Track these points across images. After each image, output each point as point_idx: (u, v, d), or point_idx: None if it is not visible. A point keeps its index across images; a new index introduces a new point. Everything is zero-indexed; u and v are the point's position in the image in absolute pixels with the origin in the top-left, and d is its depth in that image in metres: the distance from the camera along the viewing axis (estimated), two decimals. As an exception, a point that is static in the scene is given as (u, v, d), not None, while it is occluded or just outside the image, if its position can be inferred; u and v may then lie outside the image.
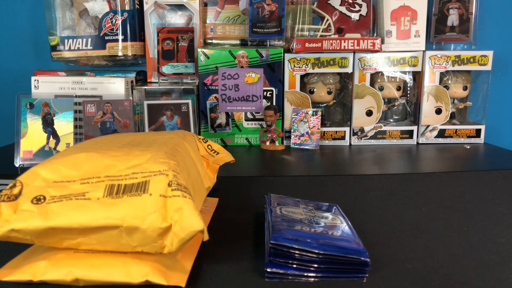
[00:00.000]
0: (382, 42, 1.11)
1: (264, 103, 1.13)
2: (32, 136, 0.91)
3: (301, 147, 1.13)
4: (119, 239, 0.43)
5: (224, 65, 1.11)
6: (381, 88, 1.17)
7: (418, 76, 1.18)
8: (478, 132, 1.18)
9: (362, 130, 1.16)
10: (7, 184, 0.46)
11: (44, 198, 0.44)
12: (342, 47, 1.09)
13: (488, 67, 1.15)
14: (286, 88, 1.13)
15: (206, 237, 0.41)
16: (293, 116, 1.13)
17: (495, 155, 1.04)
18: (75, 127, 0.94)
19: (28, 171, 0.47)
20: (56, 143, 0.92)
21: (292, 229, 0.48)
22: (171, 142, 0.57)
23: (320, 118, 1.11)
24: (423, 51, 1.14)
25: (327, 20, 1.17)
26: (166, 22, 1.15)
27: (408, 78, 1.18)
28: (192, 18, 1.15)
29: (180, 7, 1.15)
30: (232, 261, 0.49)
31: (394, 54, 1.13)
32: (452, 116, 1.21)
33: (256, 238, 0.55)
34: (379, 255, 0.50)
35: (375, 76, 1.18)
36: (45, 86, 1.00)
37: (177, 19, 1.16)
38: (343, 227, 0.52)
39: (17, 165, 0.90)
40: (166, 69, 1.13)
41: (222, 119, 1.14)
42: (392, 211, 0.65)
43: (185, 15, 1.16)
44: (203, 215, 0.61)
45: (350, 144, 1.17)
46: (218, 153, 0.72)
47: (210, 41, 1.19)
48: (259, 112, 1.13)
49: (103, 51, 1.14)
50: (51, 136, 0.92)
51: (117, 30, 1.12)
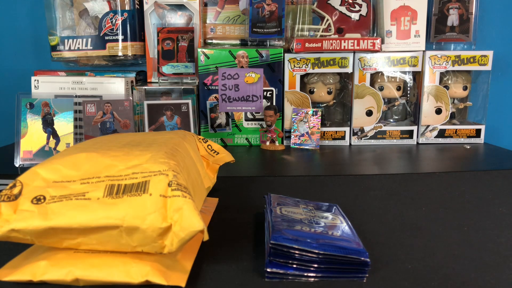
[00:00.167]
0: (382, 42, 1.11)
1: (264, 103, 1.13)
2: (32, 136, 0.91)
3: (301, 147, 1.13)
4: (119, 239, 0.43)
5: (224, 65, 1.11)
6: (381, 88, 1.17)
7: (418, 76, 1.18)
8: (478, 132, 1.18)
9: (362, 130, 1.16)
10: (7, 184, 0.46)
11: (44, 198, 0.44)
12: (342, 47, 1.09)
13: (488, 67, 1.15)
14: (286, 88, 1.13)
15: (206, 237, 0.41)
16: (293, 116, 1.13)
17: (495, 155, 1.04)
18: (75, 127, 0.94)
19: (28, 171, 0.47)
20: (56, 143, 0.92)
21: (292, 229, 0.48)
22: (171, 142, 0.57)
23: (320, 118, 1.11)
24: (423, 51, 1.14)
25: (327, 20, 1.17)
26: (166, 22, 1.15)
27: (408, 78, 1.18)
28: (192, 18, 1.15)
29: (180, 7, 1.15)
30: (232, 261, 0.49)
31: (394, 54, 1.13)
32: (452, 116, 1.21)
33: (256, 238, 0.55)
34: (379, 255, 0.50)
35: (375, 76, 1.18)
36: (45, 86, 1.00)
37: (177, 19, 1.16)
38: (343, 227, 0.52)
39: (17, 165, 0.90)
40: (166, 69, 1.13)
41: (222, 119, 1.14)
42: (392, 211, 0.65)
43: (185, 15, 1.16)
44: (203, 215, 0.61)
45: (350, 144, 1.17)
46: (218, 153, 0.72)
47: (210, 41, 1.19)
48: (259, 112, 1.13)
49: (103, 51, 1.14)
50: (51, 136, 0.92)
51: (117, 30, 1.12)
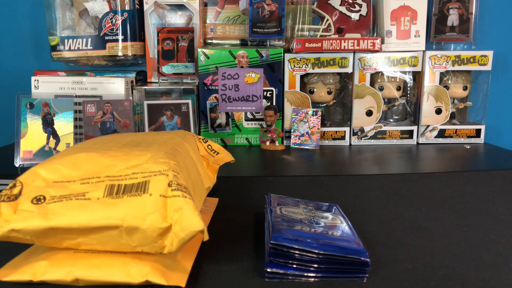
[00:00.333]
0: (382, 42, 1.11)
1: (264, 103, 1.13)
2: (32, 136, 0.91)
3: (301, 147, 1.13)
4: (119, 239, 0.43)
5: (224, 65, 1.11)
6: (381, 88, 1.17)
7: (418, 76, 1.18)
8: (478, 132, 1.18)
9: (362, 130, 1.16)
10: (7, 184, 0.46)
11: (44, 198, 0.44)
12: (342, 47, 1.09)
13: (488, 67, 1.15)
14: (286, 88, 1.13)
15: (206, 237, 0.41)
16: (293, 116, 1.13)
17: (495, 155, 1.04)
18: (75, 127, 0.94)
19: (28, 171, 0.47)
20: (56, 143, 0.92)
21: (292, 229, 0.48)
22: (171, 142, 0.57)
23: (320, 118, 1.11)
24: (423, 51, 1.14)
25: (327, 20, 1.17)
26: (166, 22, 1.15)
27: (408, 78, 1.18)
28: (192, 18, 1.15)
29: (180, 7, 1.15)
30: (232, 261, 0.49)
31: (394, 54, 1.13)
32: (452, 116, 1.21)
33: (256, 238, 0.55)
34: (379, 255, 0.50)
35: (375, 76, 1.18)
36: (45, 86, 1.00)
37: (177, 19, 1.16)
38: (343, 227, 0.52)
39: (17, 165, 0.90)
40: (166, 69, 1.13)
41: (222, 119, 1.14)
42: (392, 211, 0.65)
43: (185, 15, 1.16)
44: (203, 215, 0.60)
45: (350, 144, 1.17)
46: (218, 153, 0.72)
47: (210, 41, 1.19)
48: (259, 112, 1.13)
49: (103, 51, 1.14)
50: (51, 136, 0.92)
51: (117, 30, 1.12)
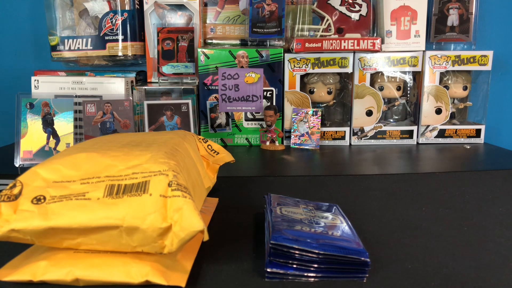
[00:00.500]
0: (382, 42, 1.11)
1: (264, 103, 1.13)
2: (32, 136, 0.91)
3: (301, 147, 1.13)
4: (119, 239, 0.43)
5: (224, 65, 1.11)
6: (381, 88, 1.17)
7: (418, 76, 1.18)
8: (478, 132, 1.18)
9: (362, 130, 1.16)
10: (7, 184, 0.46)
11: (44, 198, 0.44)
12: (342, 47, 1.09)
13: (488, 67, 1.15)
14: (286, 88, 1.13)
15: (206, 237, 0.41)
16: (293, 116, 1.13)
17: (495, 155, 1.04)
18: (75, 127, 0.94)
19: (28, 171, 0.47)
20: (56, 143, 0.91)
21: (292, 229, 0.48)
22: (171, 142, 0.57)
23: (320, 118, 1.11)
24: (423, 51, 1.14)
25: (327, 20, 1.17)
26: (166, 22, 1.15)
27: (408, 78, 1.18)
28: (192, 18, 1.15)
29: (180, 7, 1.15)
30: (232, 261, 0.49)
31: (394, 54, 1.13)
32: (452, 116, 1.21)
33: (256, 238, 0.55)
34: (379, 255, 0.50)
35: (375, 76, 1.18)
36: (45, 86, 1.00)
37: (177, 19, 1.16)
38: (343, 227, 0.52)
39: (17, 165, 0.90)
40: (166, 69, 1.13)
41: (222, 119, 1.14)
42: (392, 211, 0.65)
43: (185, 15, 1.16)
44: (203, 215, 0.61)
45: (350, 144, 1.17)
46: (218, 153, 0.72)
47: (210, 41, 1.19)
48: (259, 112, 1.13)
49: (103, 51, 1.14)
50: (51, 136, 0.92)
51: (117, 30, 1.12)
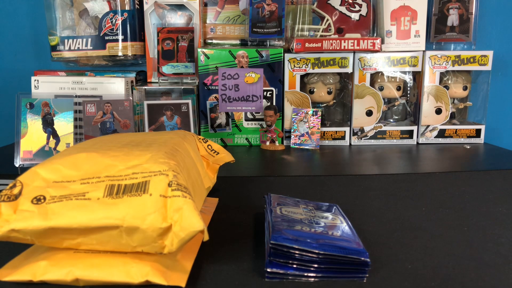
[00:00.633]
0: (382, 42, 1.11)
1: (264, 103, 1.13)
2: (32, 136, 0.91)
3: (301, 147, 1.13)
4: (119, 239, 0.43)
5: (224, 65, 1.11)
6: (381, 88, 1.17)
7: (418, 76, 1.18)
8: (478, 132, 1.18)
9: (362, 130, 1.16)
10: (7, 184, 0.46)
11: (44, 198, 0.44)
12: (342, 47, 1.09)
13: (488, 67, 1.15)
14: (286, 88, 1.13)
15: (206, 237, 0.41)
16: (293, 116, 1.13)
17: (495, 155, 1.04)
18: (75, 127, 0.94)
19: (28, 171, 0.47)
20: (56, 143, 0.91)
21: (292, 229, 0.48)
22: (171, 142, 0.57)
23: (320, 118, 1.11)
24: (423, 51, 1.14)
25: (327, 20, 1.17)
26: (166, 22, 1.15)
27: (408, 78, 1.18)
28: (192, 18, 1.15)
29: (180, 7, 1.15)
30: (232, 261, 0.49)
31: (394, 54, 1.13)
32: (452, 116, 1.21)
33: (256, 238, 0.55)
34: (379, 255, 0.50)
35: (375, 76, 1.18)
36: (45, 86, 1.00)
37: (177, 19, 1.16)
38: (343, 227, 0.52)
39: (17, 165, 0.90)
40: (166, 69, 1.13)
41: (222, 119, 1.14)
42: (392, 211, 0.65)
43: (185, 15, 1.16)
44: (203, 215, 0.60)
45: (350, 144, 1.17)
46: (218, 153, 0.72)
47: (210, 41, 1.19)
48: (259, 112, 1.13)
49: (103, 51, 1.14)
50: (51, 136, 0.92)
51: (117, 30, 1.12)
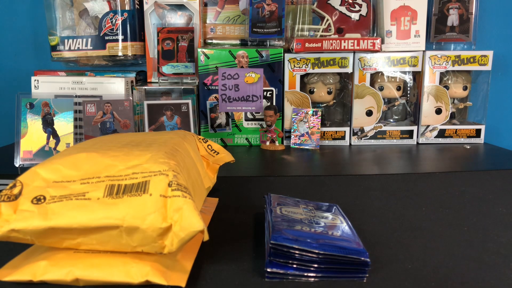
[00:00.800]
0: (382, 42, 1.11)
1: (264, 103, 1.13)
2: (32, 136, 0.91)
3: (301, 147, 1.13)
4: (119, 239, 0.43)
5: (224, 65, 1.11)
6: (381, 88, 1.17)
7: (418, 76, 1.18)
8: (478, 132, 1.18)
9: (362, 130, 1.16)
10: (7, 184, 0.46)
11: (44, 198, 0.44)
12: (342, 47, 1.09)
13: (488, 67, 1.15)
14: (286, 88, 1.13)
15: (206, 237, 0.41)
16: (293, 116, 1.13)
17: (495, 155, 1.04)
18: (75, 127, 0.94)
19: (28, 171, 0.47)
20: (56, 143, 0.91)
21: (292, 229, 0.48)
22: (171, 142, 0.57)
23: (320, 118, 1.11)
24: (423, 51, 1.14)
25: (327, 20, 1.17)
26: (166, 22, 1.15)
27: (408, 78, 1.18)
28: (192, 18, 1.15)
29: (180, 7, 1.15)
30: (232, 261, 0.49)
31: (394, 54, 1.13)
32: (452, 116, 1.21)
33: (256, 238, 0.55)
34: (379, 255, 0.50)
35: (375, 76, 1.18)
36: (45, 86, 1.00)
37: (177, 19, 1.16)
38: (343, 227, 0.52)
39: (17, 165, 0.90)
40: (166, 69, 1.13)
41: (222, 119, 1.14)
42: (392, 211, 0.65)
43: (185, 15, 1.16)
44: (203, 215, 0.61)
45: (350, 144, 1.17)
46: (218, 153, 0.72)
47: (210, 41, 1.19)
48: (259, 112, 1.13)
49: (103, 51, 1.14)
50: (51, 136, 0.92)
51: (117, 30, 1.12)
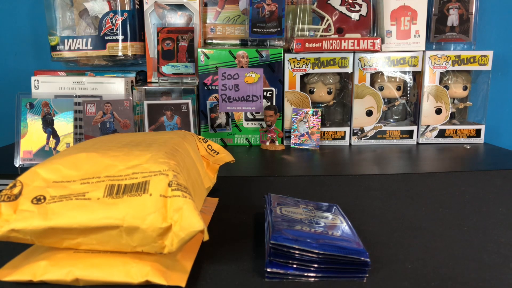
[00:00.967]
0: (382, 42, 1.11)
1: (264, 103, 1.13)
2: (32, 136, 0.91)
3: (301, 147, 1.13)
4: (119, 239, 0.43)
5: (224, 65, 1.11)
6: (381, 88, 1.17)
7: (418, 76, 1.18)
8: (478, 132, 1.18)
9: (362, 130, 1.16)
10: (7, 184, 0.46)
11: (44, 198, 0.44)
12: (342, 47, 1.09)
13: (488, 67, 1.15)
14: (286, 88, 1.13)
15: (206, 237, 0.41)
16: (293, 116, 1.13)
17: (495, 155, 1.04)
18: (75, 127, 0.94)
19: (28, 171, 0.47)
20: (56, 143, 0.91)
21: (292, 229, 0.48)
22: (171, 142, 0.57)
23: (320, 118, 1.11)
24: (423, 51, 1.14)
25: (327, 20, 1.17)
26: (166, 22, 1.15)
27: (408, 78, 1.18)
28: (192, 18, 1.15)
29: (180, 7, 1.15)
30: (232, 261, 0.49)
31: (394, 54, 1.13)
32: (452, 116, 1.21)
33: (256, 238, 0.55)
34: (379, 255, 0.50)
35: (375, 76, 1.18)
36: (45, 86, 1.00)
37: (177, 19, 1.16)
38: (343, 227, 0.52)
39: (17, 165, 0.90)
40: (166, 69, 1.13)
41: (222, 119, 1.14)
42: (392, 211, 0.65)
43: (185, 15, 1.16)
44: (203, 215, 0.61)
45: (350, 144, 1.17)
46: (218, 153, 0.72)
47: (210, 41, 1.19)
48: (259, 112, 1.13)
49: (103, 51, 1.14)
50: (51, 136, 0.92)
51: (117, 30, 1.12)
